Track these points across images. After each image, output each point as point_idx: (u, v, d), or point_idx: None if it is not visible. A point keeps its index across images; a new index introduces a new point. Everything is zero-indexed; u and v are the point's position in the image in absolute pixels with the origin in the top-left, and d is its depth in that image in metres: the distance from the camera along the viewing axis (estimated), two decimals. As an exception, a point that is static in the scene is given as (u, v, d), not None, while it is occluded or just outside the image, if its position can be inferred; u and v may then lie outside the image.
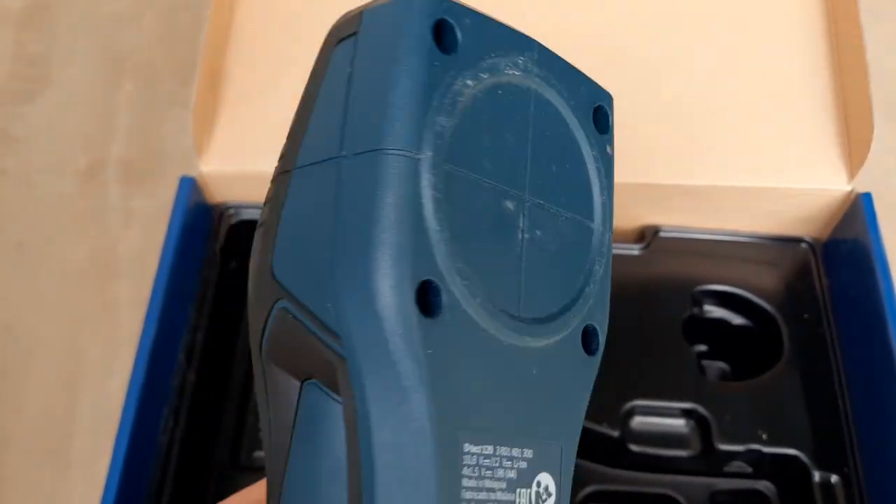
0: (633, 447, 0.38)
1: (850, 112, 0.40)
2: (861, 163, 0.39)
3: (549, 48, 0.22)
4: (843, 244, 0.41)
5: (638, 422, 0.39)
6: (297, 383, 0.19)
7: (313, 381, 0.18)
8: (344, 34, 0.19)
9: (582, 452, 0.38)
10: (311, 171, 0.18)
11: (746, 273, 0.42)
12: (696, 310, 0.41)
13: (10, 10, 0.61)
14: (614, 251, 0.42)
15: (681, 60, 0.42)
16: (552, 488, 0.20)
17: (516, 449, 0.19)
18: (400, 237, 0.16)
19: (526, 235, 0.19)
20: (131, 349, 0.37)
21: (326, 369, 0.17)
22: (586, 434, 0.38)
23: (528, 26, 0.43)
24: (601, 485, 0.38)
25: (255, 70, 0.43)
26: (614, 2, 0.43)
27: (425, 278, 0.17)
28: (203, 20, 0.41)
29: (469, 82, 0.18)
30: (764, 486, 0.39)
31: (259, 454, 0.41)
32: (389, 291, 0.16)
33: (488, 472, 0.18)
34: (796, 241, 0.42)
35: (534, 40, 0.21)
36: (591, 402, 0.38)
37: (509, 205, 0.19)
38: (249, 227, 0.43)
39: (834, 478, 0.37)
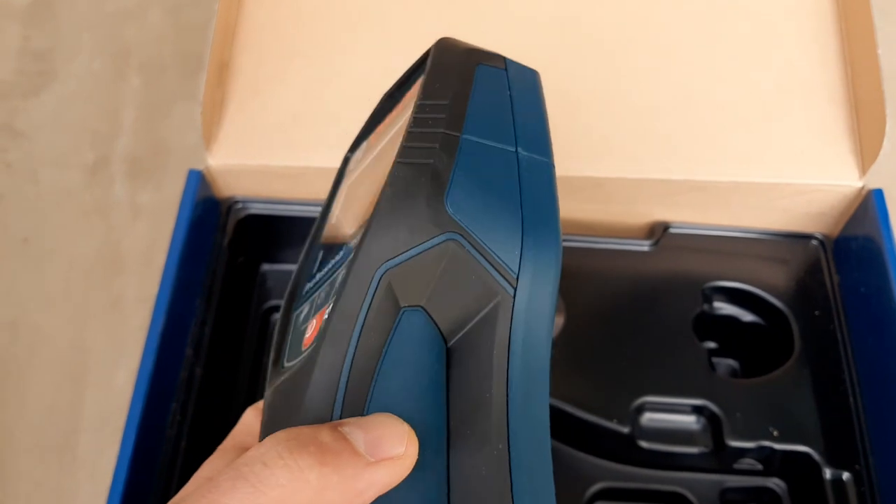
0: (643, 444, 0.38)
1: (861, 108, 0.40)
2: (873, 159, 0.39)
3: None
4: (854, 241, 0.40)
5: (648, 418, 0.39)
6: (398, 309, 0.22)
7: (418, 308, 0.23)
8: (485, 61, 0.26)
9: (591, 448, 0.38)
10: (484, 146, 0.24)
11: (757, 270, 0.42)
12: (706, 306, 0.41)
13: (16, 5, 0.61)
14: (625, 247, 0.42)
15: (691, 56, 0.42)
16: None
17: None
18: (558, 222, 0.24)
19: None
20: (138, 344, 0.37)
21: (473, 298, 0.23)
22: (596, 430, 0.38)
23: (541, 20, 0.42)
24: (611, 481, 0.38)
25: (263, 63, 0.43)
26: (625, -3, 0.43)
27: None
28: (209, 15, 0.41)
29: None
30: (774, 483, 0.38)
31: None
32: (558, 256, 0.23)
33: None
34: (807, 237, 0.42)
35: None
36: (600, 398, 0.38)
37: None
38: (257, 220, 0.43)
39: (845, 475, 0.37)
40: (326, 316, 0.23)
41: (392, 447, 0.21)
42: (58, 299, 0.51)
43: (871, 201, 0.39)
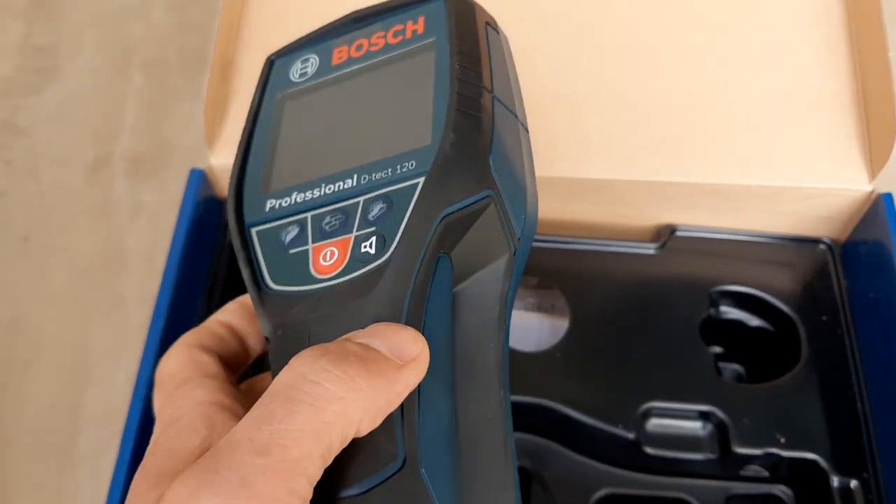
0: (649, 450, 0.38)
1: (871, 112, 0.39)
2: (882, 163, 0.38)
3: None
4: (862, 245, 0.40)
5: (654, 424, 0.38)
6: (438, 253, 0.23)
7: (447, 255, 0.24)
8: (489, 21, 0.27)
9: (596, 454, 0.38)
10: (504, 108, 0.25)
11: (764, 274, 0.41)
12: (712, 311, 0.41)
13: (19, 1, 0.60)
14: (631, 250, 0.42)
15: (700, 58, 0.41)
16: None
17: None
18: None
19: None
20: (138, 343, 0.37)
21: (485, 250, 0.24)
22: (601, 435, 0.37)
23: (547, 21, 0.42)
24: (616, 487, 0.37)
25: (268, 62, 0.42)
26: (635, 0, 0.42)
27: None
28: (213, 13, 0.41)
29: None
30: (781, 490, 0.38)
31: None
32: (536, 228, 0.26)
33: None
34: (814, 241, 0.42)
35: None
36: (606, 402, 0.37)
37: None
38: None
39: (853, 482, 0.36)
40: (371, 250, 0.23)
41: (410, 350, 0.22)
42: (58, 298, 0.50)
43: (881, 205, 0.38)
